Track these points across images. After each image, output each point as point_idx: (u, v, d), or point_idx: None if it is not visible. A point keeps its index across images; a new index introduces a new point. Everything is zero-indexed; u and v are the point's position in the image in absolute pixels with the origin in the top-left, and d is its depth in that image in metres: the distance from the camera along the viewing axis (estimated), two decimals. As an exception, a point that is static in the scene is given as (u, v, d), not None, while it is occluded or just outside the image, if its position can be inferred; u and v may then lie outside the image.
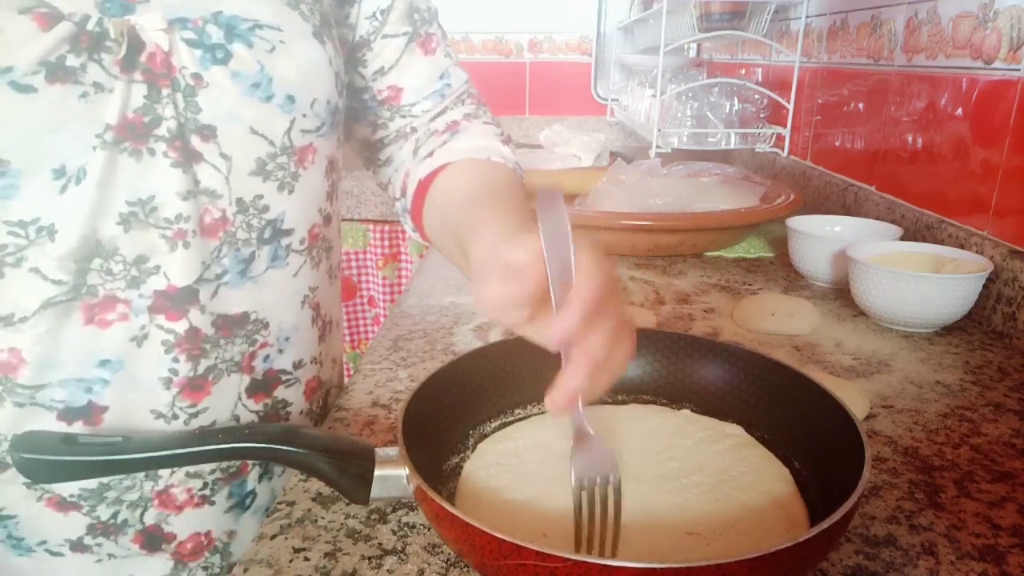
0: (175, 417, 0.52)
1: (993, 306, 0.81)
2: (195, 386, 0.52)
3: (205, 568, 0.58)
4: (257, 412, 0.57)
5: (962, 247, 0.87)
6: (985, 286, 0.79)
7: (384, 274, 1.92)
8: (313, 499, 0.50)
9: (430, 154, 0.65)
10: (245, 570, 0.44)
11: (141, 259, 0.48)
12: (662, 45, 1.43)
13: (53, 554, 0.52)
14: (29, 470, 0.43)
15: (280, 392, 0.59)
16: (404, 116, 0.68)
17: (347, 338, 1.99)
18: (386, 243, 1.90)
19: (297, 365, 0.60)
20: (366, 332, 2.00)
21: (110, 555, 0.54)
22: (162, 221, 0.48)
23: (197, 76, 0.47)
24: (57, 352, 0.48)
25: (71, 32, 0.42)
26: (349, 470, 0.43)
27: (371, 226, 1.88)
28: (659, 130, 1.46)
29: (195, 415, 0.53)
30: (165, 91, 0.46)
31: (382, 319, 1.96)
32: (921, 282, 0.76)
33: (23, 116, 0.41)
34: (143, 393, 0.51)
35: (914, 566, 0.44)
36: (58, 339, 0.48)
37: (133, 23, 0.45)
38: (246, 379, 0.55)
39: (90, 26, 0.43)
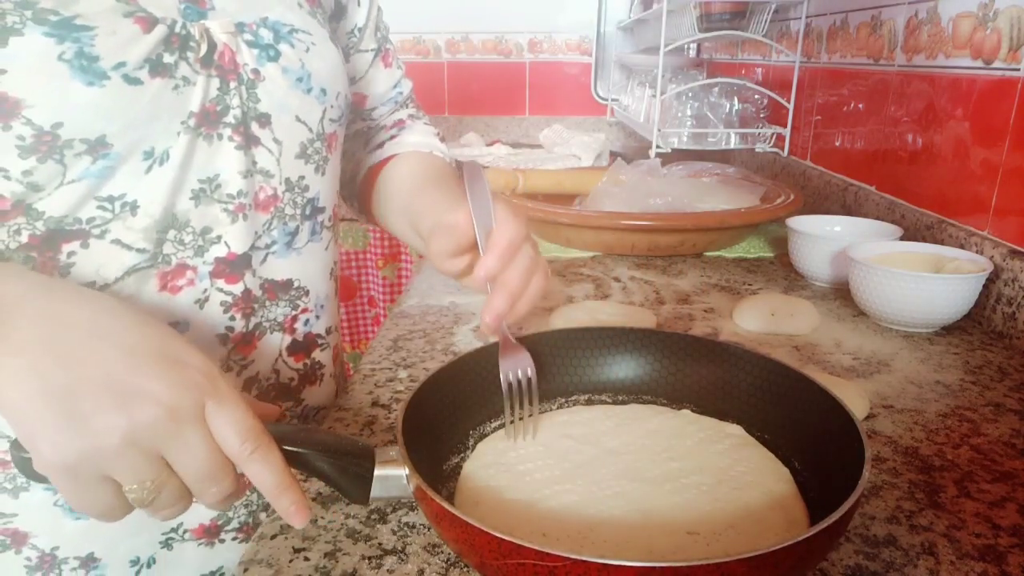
0: (229, 369, 0.58)
1: (993, 306, 0.81)
2: (246, 341, 0.58)
3: (246, 505, 0.62)
4: (297, 370, 0.64)
5: (962, 247, 0.87)
6: (985, 286, 0.79)
7: (384, 274, 1.93)
8: (313, 499, 0.50)
9: (380, 145, 0.77)
10: (245, 570, 0.44)
11: (206, 230, 0.54)
12: (662, 45, 1.43)
13: None
14: (29, 470, 0.43)
15: (316, 354, 0.66)
16: (364, 119, 0.79)
17: (347, 338, 1.99)
18: (386, 243, 1.91)
19: (328, 331, 0.67)
20: (366, 332, 2.00)
21: None
22: (225, 196, 0.54)
23: (256, 71, 0.54)
24: None
25: (165, 34, 0.48)
26: (349, 470, 0.43)
27: (371, 226, 1.88)
28: (659, 130, 1.46)
29: (245, 366, 0.59)
30: (232, 84, 0.53)
31: (382, 319, 1.96)
32: (921, 282, 0.76)
33: (131, 105, 0.47)
34: (204, 350, 0.53)
35: (914, 566, 0.44)
36: (136, 306, 0.50)
37: (207, 26, 0.51)
38: (287, 339, 0.62)
39: (177, 29, 0.49)
